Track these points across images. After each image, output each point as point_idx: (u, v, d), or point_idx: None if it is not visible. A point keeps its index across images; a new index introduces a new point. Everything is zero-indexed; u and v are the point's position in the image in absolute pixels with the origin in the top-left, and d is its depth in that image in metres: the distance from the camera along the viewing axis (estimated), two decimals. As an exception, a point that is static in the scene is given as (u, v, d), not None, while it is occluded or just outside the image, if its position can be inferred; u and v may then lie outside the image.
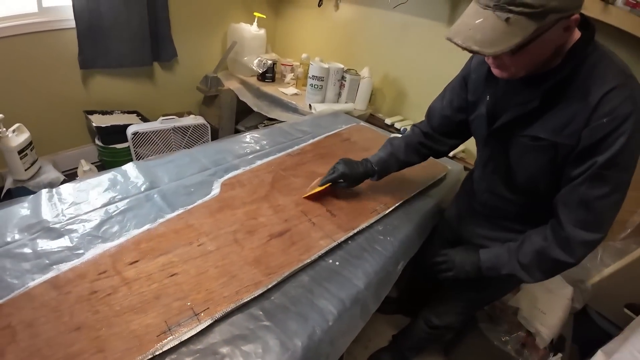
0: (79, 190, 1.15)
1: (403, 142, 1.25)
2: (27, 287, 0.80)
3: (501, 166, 1.00)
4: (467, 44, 0.71)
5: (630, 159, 0.78)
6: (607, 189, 0.79)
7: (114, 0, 2.23)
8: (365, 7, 2.67)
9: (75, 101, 2.41)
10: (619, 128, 0.74)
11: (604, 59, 0.78)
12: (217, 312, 0.79)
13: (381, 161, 1.24)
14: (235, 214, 1.10)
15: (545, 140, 0.84)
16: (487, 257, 1.04)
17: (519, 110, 0.87)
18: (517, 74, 0.82)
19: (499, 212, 1.09)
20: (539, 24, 0.68)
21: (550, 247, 0.89)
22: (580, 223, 0.84)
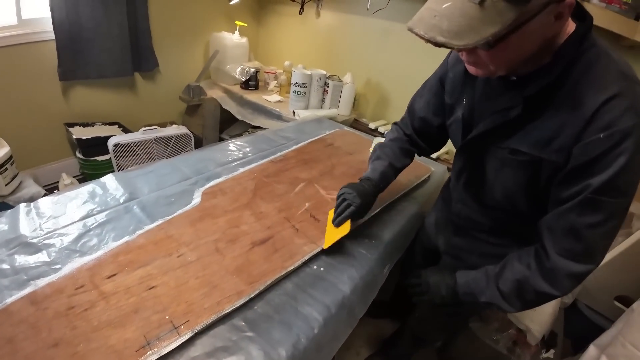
0: (57, 204, 1.12)
1: (397, 149, 1.12)
2: (5, 303, 0.78)
3: (475, 180, 0.89)
4: (431, 34, 0.57)
5: (629, 183, 0.65)
6: (602, 216, 0.66)
7: (93, 11, 2.22)
8: (346, 14, 2.69)
9: (55, 113, 2.38)
10: (618, 146, 0.61)
11: (601, 58, 0.65)
12: (198, 325, 0.77)
13: (382, 177, 1.09)
14: (217, 223, 1.08)
15: (526, 155, 0.72)
16: (464, 280, 0.90)
17: (499, 118, 0.75)
18: (496, 72, 0.68)
19: (473, 224, 0.99)
20: (521, 8, 0.54)
21: (533, 277, 0.76)
22: (568, 253, 0.71)
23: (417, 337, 1.40)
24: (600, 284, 1.66)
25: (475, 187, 0.91)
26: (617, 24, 1.58)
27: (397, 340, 1.57)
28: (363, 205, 1.04)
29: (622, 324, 1.27)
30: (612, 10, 1.58)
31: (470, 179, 0.92)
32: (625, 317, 1.32)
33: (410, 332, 1.43)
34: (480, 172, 0.85)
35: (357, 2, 2.56)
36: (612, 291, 1.65)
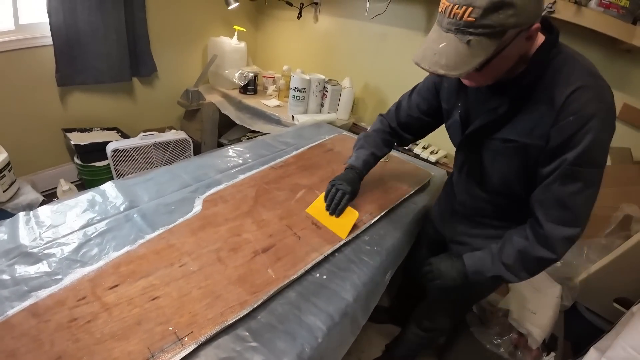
0: (57, 213, 1.12)
1: (379, 139, 1.29)
2: (7, 315, 0.77)
3: (476, 169, 1.02)
4: (434, 68, 0.75)
5: (599, 155, 0.80)
6: (580, 184, 0.80)
7: (91, 16, 2.22)
8: (344, 19, 2.71)
9: (53, 119, 2.37)
10: (585, 125, 0.75)
11: (568, 61, 0.80)
12: (202, 336, 0.77)
13: (365, 164, 1.26)
14: (218, 232, 1.08)
15: (515, 142, 0.87)
16: (471, 262, 1.04)
17: (490, 115, 0.90)
18: (485, 83, 0.86)
19: (477, 211, 1.12)
20: (499, 41, 0.70)
21: (532, 246, 0.90)
22: (558, 220, 0.85)
23: (422, 328, 1.44)
24: (600, 286, 1.66)
25: (476, 177, 1.05)
26: (614, 28, 1.60)
27: (401, 340, 1.59)
28: (353, 192, 1.22)
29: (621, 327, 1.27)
30: (609, 15, 1.60)
31: (471, 169, 1.06)
32: (625, 320, 1.33)
33: (415, 325, 1.46)
34: (479, 163, 1.00)
35: (355, 7, 2.58)
36: (612, 293, 1.65)
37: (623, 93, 1.82)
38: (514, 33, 0.71)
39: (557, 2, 1.67)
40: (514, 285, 1.62)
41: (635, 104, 1.80)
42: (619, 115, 1.83)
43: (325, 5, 2.79)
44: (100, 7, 2.23)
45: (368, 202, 1.34)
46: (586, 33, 1.68)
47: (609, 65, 1.81)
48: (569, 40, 1.78)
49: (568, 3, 1.67)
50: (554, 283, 1.65)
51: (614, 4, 1.59)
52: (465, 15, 0.68)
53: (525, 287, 1.61)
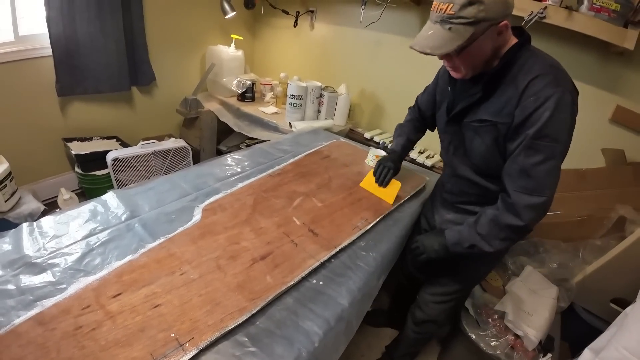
0: (60, 223, 1.14)
1: (412, 126, 1.50)
2: (13, 324, 0.79)
3: (459, 149, 1.17)
4: (423, 49, 0.94)
5: (557, 131, 0.92)
6: (541, 156, 0.93)
7: (90, 27, 2.25)
8: (339, 26, 2.74)
9: (53, 129, 2.40)
10: (543, 105, 0.90)
11: (532, 56, 0.97)
12: (202, 342, 0.79)
13: (404, 147, 1.49)
14: (217, 240, 1.10)
15: (488, 122, 1.02)
16: (450, 234, 1.16)
17: (468, 100, 1.07)
18: (467, 74, 1.02)
19: (463, 196, 1.25)
20: (474, 29, 0.88)
21: (502, 214, 1.02)
22: (523, 189, 0.97)
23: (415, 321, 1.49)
24: (596, 287, 1.67)
25: (460, 155, 1.18)
26: (606, 32, 1.62)
27: (398, 339, 1.63)
28: (396, 169, 1.45)
29: (615, 328, 1.29)
30: (601, 19, 1.62)
31: (456, 149, 1.20)
32: (619, 321, 1.34)
33: (410, 319, 1.52)
34: (462, 143, 1.15)
35: (350, 15, 2.62)
36: (608, 294, 1.66)
37: (616, 95, 1.85)
38: (485, 26, 0.89)
39: (548, 8, 1.70)
40: (510, 287, 1.63)
41: (628, 106, 1.82)
42: (612, 117, 1.86)
43: (321, 14, 2.83)
44: (99, 18, 2.26)
45: (364, 208, 1.37)
46: (578, 37, 1.71)
47: (602, 68, 1.84)
48: (560, 44, 1.84)
49: (559, 8, 1.69)
50: (550, 284, 1.67)
51: (604, 8, 1.61)
52: (447, 9, 0.88)
53: (522, 288, 1.63)
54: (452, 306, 1.44)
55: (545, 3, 1.71)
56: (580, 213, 1.85)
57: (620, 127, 1.88)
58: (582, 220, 1.82)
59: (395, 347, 1.66)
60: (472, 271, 1.34)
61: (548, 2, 1.71)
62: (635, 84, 1.79)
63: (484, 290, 1.67)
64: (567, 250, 1.79)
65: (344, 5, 2.66)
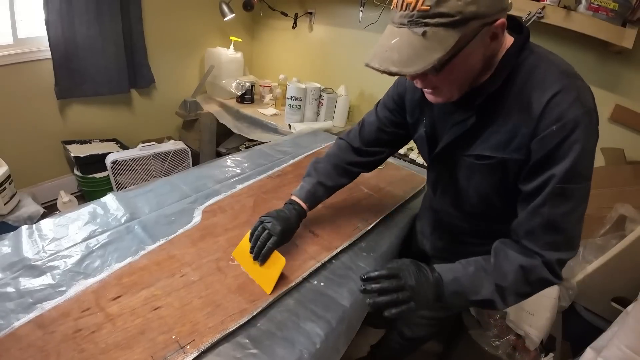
0: (59, 226, 1.13)
1: (330, 166, 1.12)
2: (13, 327, 0.79)
3: (450, 189, 0.94)
4: (385, 66, 0.65)
5: (589, 166, 0.71)
6: (573, 203, 0.71)
7: (89, 29, 2.25)
8: (338, 28, 2.75)
9: (52, 132, 2.40)
10: (572, 134, 0.67)
11: (541, 62, 0.72)
12: (203, 344, 0.79)
13: (309, 195, 1.10)
14: (218, 242, 1.10)
15: (492, 158, 0.78)
16: (450, 278, 0.82)
17: (459, 129, 0.81)
18: (451, 96, 0.76)
19: (456, 229, 1.03)
20: (459, 33, 0.61)
21: (539, 267, 0.75)
22: (552, 246, 0.74)
23: (402, 337, 1.42)
24: (597, 286, 1.67)
25: (451, 196, 0.95)
26: (604, 31, 1.63)
27: (384, 344, 1.59)
28: (284, 233, 1.00)
29: (617, 327, 1.29)
30: (599, 18, 1.63)
31: (446, 188, 0.96)
32: (621, 320, 1.34)
33: (396, 333, 1.45)
34: (454, 182, 0.90)
35: (348, 16, 2.62)
36: (609, 293, 1.66)
37: (615, 94, 1.85)
38: (476, 26, 0.62)
39: (547, 8, 1.70)
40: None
41: (627, 105, 1.83)
42: (611, 116, 1.86)
43: (320, 15, 2.83)
44: (98, 20, 2.27)
45: (364, 209, 1.36)
46: (576, 37, 1.71)
47: (600, 67, 1.85)
48: (559, 44, 1.84)
49: (557, 8, 1.70)
50: (551, 284, 1.67)
51: (603, 7, 1.62)
52: (418, 4, 0.60)
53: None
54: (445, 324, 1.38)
55: (544, 3, 1.71)
56: (580, 212, 1.85)
57: (620, 126, 1.89)
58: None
59: (380, 350, 1.62)
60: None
61: (546, 1, 1.71)
62: (634, 83, 1.80)
63: (485, 291, 1.66)
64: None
65: (343, 7, 2.66)
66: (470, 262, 0.83)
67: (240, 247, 1.03)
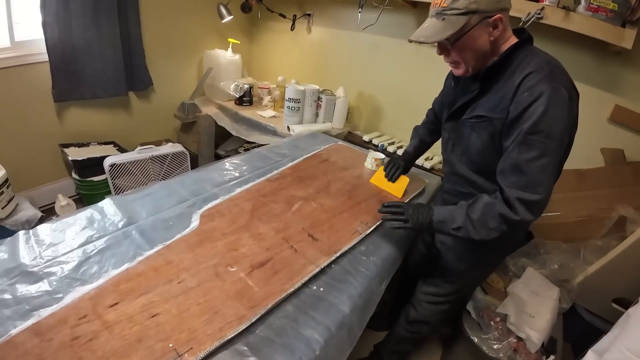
0: (56, 231, 1.13)
1: (425, 129, 1.56)
2: (10, 334, 0.78)
3: (458, 146, 1.19)
4: (417, 38, 1.00)
5: (551, 127, 0.90)
6: (535, 153, 0.91)
7: (86, 32, 2.24)
8: (336, 29, 2.74)
9: (50, 135, 2.39)
10: (537, 100, 0.89)
11: (530, 54, 0.98)
12: (201, 351, 0.78)
13: (416, 148, 1.58)
14: (216, 247, 1.09)
15: (484, 117, 1.04)
16: (439, 211, 1.12)
17: (467, 97, 1.10)
18: (467, 70, 1.05)
19: (459, 196, 1.21)
20: (465, 20, 0.94)
21: (498, 204, 0.98)
22: (515, 184, 0.95)
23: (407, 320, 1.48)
24: (598, 288, 1.67)
25: (458, 152, 1.19)
26: (603, 31, 1.62)
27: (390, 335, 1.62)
28: (406, 166, 1.56)
29: (618, 329, 1.28)
30: (598, 19, 1.62)
31: (454, 146, 1.21)
32: (622, 322, 1.34)
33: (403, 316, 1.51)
34: (460, 139, 1.16)
35: (347, 18, 2.62)
36: (610, 294, 1.66)
37: (614, 95, 1.85)
38: (477, 18, 0.94)
39: (546, 8, 1.70)
40: (511, 289, 1.63)
41: (627, 105, 1.82)
42: (611, 116, 1.86)
43: (318, 17, 2.82)
44: (95, 23, 2.26)
45: (364, 212, 1.36)
46: (576, 37, 1.71)
47: (600, 67, 1.84)
48: (558, 45, 1.84)
49: (556, 8, 1.69)
50: (552, 285, 1.67)
51: (602, 8, 1.61)
52: (441, 3, 0.96)
53: (523, 290, 1.62)
54: (446, 309, 1.42)
55: (543, 3, 1.70)
56: (581, 213, 1.85)
57: (619, 126, 1.88)
58: (583, 221, 1.82)
59: (384, 343, 1.65)
60: (465, 274, 1.32)
61: (545, 2, 1.70)
62: (634, 83, 1.79)
63: (486, 293, 1.66)
64: (568, 251, 1.78)
65: (341, 9, 2.66)
66: (457, 204, 1.09)
67: (377, 175, 1.60)
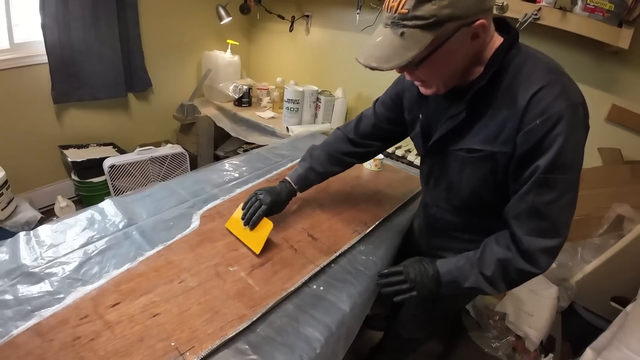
0: (57, 232, 1.13)
1: (324, 154, 1.21)
2: (11, 335, 0.78)
3: (442, 182, 0.98)
4: (368, 61, 0.73)
5: (574, 158, 0.74)
6: (556, 193, 0.75)
7: (85, 34, 2.25)
8: (335, 30, 2.75)
9: (49, 136, 2.40)
10: (555, 128, 0.70)
11: (528, 60, 0.76)
12: (203, 350, 0.78)
13: (300, 178, 1.21)
14: (216, 247, 1.09)
15: (481, 152, 0.82)
16: (446, 269, 0.94)
17: (450, 124, 0.85)
18: (438, 89, 0.82)
19: (448, 224, 1.06)
20: (434, 34, 0.67)
21: (515, 258, 0.82)
22: (535, 232, 0.78)
23: (397, 338, 1.43)
24: (596, 286, 1.68)
25: (443, 190, 0.99)
26: (600, 32, 1.63)
27: (381, 347, 1.60)
28: (274, 204, 1.14)
29: (616, 327, 1.29)
30: (595, 19, 1.63)
31: (437, 182, 1.00)
32: (620, 320, 1.34)
33: (392, 333, 1.46)
34: (445, 175, 0.95)
35: (345, 19, 2.63)
36: (608, 292, 1.67)
37: (611, 94, 1.86)
38: (452, 27, 0.68)
39: (542, 9, 1.71)
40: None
41: (624, 105, 1.83)
42: (608, 116, 1.87)
43: (316, 18, 2.83)
44: (95, 25, 2.27)
45: (362, 212, 1.36)
46: (573, 38, 1.72)
47: (597, 67, 1.85)
48: (555, 45, 1.85)
49: (553, 9, 1.70)
50: (550, 284, 1.67)
51: (599, 8, 1.62)
52: (399, 7, 0.67)
53: (522, 289, 1.63)
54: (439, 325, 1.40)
55: (539, 4, 1.72)
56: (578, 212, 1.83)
57: (617, 126, 1.89)
58: (580, 220, 1.82)
59: (378, 353, 1.63)
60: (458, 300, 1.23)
61: (542, 3, 1.72)
62: (631, 82, 1.80)
63: (485, 292, 1.67)
64: (566, 250, 1.79)
65: (339, 10, 2.67)
66: (463, 256, 0.93)
67: (233, 218, 1.16)
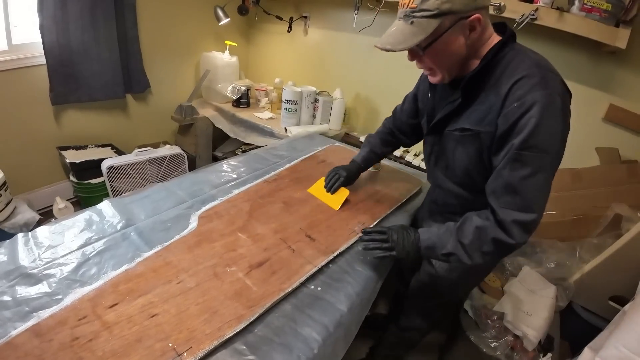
0: (55, 233, 1.13)
1: (378, 139, 1.46)
2: (10, 336, 0.78)
3: (441, 160, 1.11)
4: (384, 45, 0.88)
5: (546, 140, 0.82)
6: (529, 169, 0.84)
7: (84, 35, 2.25)
8: (333, 31, 2.76)
9: (48, 138, 2.39)
10: (528, 111, 0.81)
11: (517, 56, 0.88)
12: (200, 351, 0.79)
13: (364, 159, 1.46)
14: (214, 247, 1.10)
15: (470, 131, 0.94)
16: (426, 236, 1.03)
17: (449, 107, 0.99)
18: (443, 77, 0.95)
19: (448, 207, 1.19)
20: (437, 22, 0.83)
21: (491, 227, 0.90)
22: (509, 205, 0.87)
23: (398, 327, 1.48)
24: (595, 285, 1.68)
25: (442, 166, 1.12)
26: (597, 32, 1.64)
27: (382, 340, 1.62)
28: (348, 177, 1.41)
29: (614, 326, 1.29)
30: (592, 19, 1.64)
31: (438, 159, 1.13)
32: (618, 319, 1.34)
33: (394, 323, 1.50)
34: (443, 153, 1.08)
35: (343, 20, 2.63)
36: (606, 291, 1.66)
37: (609, 94, 1.87)
38: (451, 19, 0.83)
39: (540, 9, 1.71)
40: (508, 288, 1.64)
41: (621, 105, 1.84)
42: (606, 115, 1.87)
43: (315, 19, 2.84)
44: (93, 26, 2.26)
45: (361, 212, 1.37)
46: (570, 38, 1.73)
47: (594, 67, 1.86)
48: (552, 45, 1.85)
49: (550, 9, 1.71)
50: (548, 284, 1.68)
51: (596, 8, 1.62)
52: (410, 3, 0.84)
53: (520, 289, 1.63)
54: (439, 316, 1.42)
55: (537, 5, 1.72)
56: (576, 212, 1.86)
57: (614, 125, 1.90)
58: (578, 219, 1.83)
59: (379, 347, 1.65)
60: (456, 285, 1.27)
61: (539, 3, 1.72)
62: (628, 82, 1.81)
63: (483, 292, 1.67)
64: (564, 250, 1.79)
65: (337, 11, 2.67)
66: (444, 226, 1.02)
67: (317, 185, 1.47)
